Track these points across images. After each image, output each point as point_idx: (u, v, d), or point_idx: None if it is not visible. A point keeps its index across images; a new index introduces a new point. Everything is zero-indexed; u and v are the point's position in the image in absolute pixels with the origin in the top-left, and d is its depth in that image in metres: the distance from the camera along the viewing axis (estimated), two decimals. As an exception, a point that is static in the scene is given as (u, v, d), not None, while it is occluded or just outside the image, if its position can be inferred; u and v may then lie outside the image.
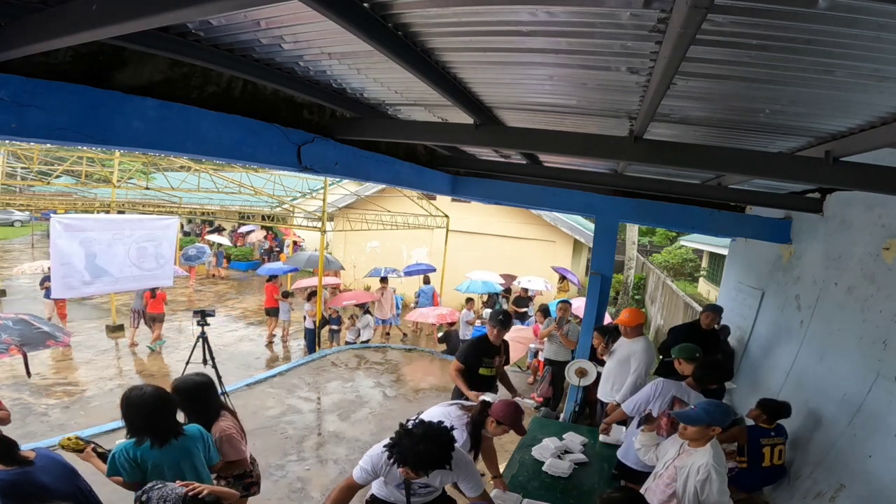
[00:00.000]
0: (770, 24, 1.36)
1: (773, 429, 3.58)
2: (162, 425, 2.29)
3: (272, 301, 9.79)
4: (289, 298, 9.98)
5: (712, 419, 2.36)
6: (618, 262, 13.51)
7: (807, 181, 2.99)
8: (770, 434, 3.56)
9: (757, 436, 3.53)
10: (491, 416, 2.73)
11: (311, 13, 1.51)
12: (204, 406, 2.68)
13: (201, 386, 2.68)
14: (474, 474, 2.40)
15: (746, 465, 3.53)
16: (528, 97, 2.54)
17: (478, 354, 3.98)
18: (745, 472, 3.55)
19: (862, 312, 3.48)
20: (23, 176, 16.50)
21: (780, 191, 4.53)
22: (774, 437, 3.58)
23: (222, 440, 2.61)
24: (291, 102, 3.00)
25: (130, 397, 2.27)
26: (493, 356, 4.06)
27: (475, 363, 3.97)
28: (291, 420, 5.74)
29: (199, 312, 5.70)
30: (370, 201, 13.39)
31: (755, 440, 3.52)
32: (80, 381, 7.03)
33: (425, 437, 2.09)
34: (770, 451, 3.54)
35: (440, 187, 5.25)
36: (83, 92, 1.96)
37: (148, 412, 2.25)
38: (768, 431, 3.56)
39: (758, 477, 3.58)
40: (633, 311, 4.44)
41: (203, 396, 2.68)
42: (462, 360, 3.98)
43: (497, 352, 4.09)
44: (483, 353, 4.01)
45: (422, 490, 2.44)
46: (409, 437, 2.10)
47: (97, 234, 7.22)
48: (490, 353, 4.04)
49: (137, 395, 2.27)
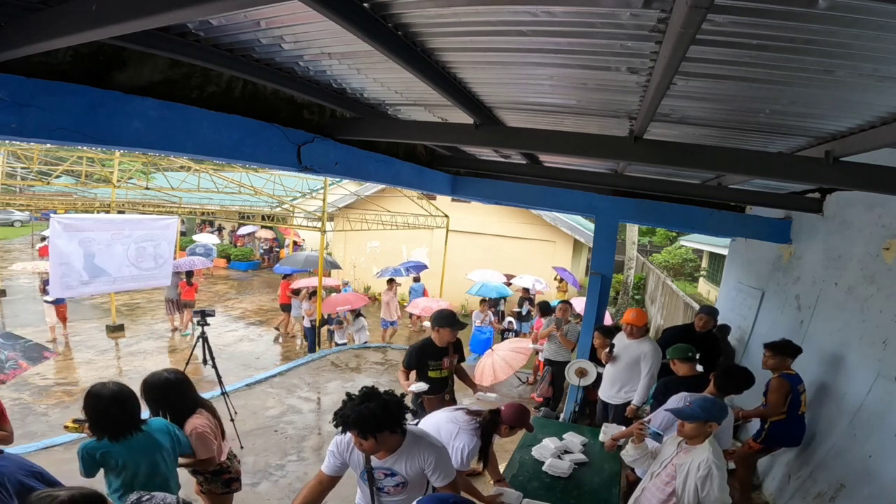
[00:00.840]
0: (770, 24, 1.36)
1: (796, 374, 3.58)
2: (122, 420, 2.32)
3: (286, 297, 10.20)
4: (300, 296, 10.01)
5: (709, 415, 2.37)
6: (618, 262, 13.52)
7: (807, 181, 3.00)
8: (801, 380, 3.57)
9: (796, 384, 3.53)
10: (503, 423, 2.76)
11: (311, 13, 1.51)
12: (174, 403, 2.69)
13: (171, 383, 2.68)
14: (447, 463, 2.29)
15: (785, 416, 3.51)
16: (528, 97, 2.54)
17: (420, 358, 3.90)
18: (783, 424, 3.53)
19: (862, 312, 3.49)
20: (23, 176, 16.50)
21: (780, 191, 4.53)
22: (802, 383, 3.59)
23: (193, 437, 2.62)
24: (291, 102, 3.00)
25: (91, 394, 2.30)
26: (441, 358, 3.94)
27: (419, 367, 3.91)
28: (291, 420, 5.74)
29: (199, 312, 5.70)
30: (370, 201, 13.40)
31: (794, 388, 3.51)
32: (80, 381, 7.03)
33: (366, 397, 2.08)
34: (804, 397, 3.56)
35: (440, 187, 5.25)
36: (83, 92, 1.96)
37: (106, 407, 2.28)
38: (799, 377, 3.56)
39: (797, 426, 3.57)
40: (640, 312, 4.44)
41: (172, 393, 2.68)
42: (406, 364, 3.94)
43: (445, 353, 3.97)
44: (426, 356, 3.91)
45: (388, 481, 2.24)
46: (351, 399, 2.10)
47: (96, 234, 7.22)
48: (435, 355, 3.93)
49: (97, 391, 2.31)
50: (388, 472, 2.23)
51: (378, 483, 2.26)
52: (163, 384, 2.66)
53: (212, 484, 2.87)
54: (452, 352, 4.04)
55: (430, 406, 3.95)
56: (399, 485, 2.25)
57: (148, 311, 11.32)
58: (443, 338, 3.88)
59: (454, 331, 3.89)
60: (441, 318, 3.90)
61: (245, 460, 4.79)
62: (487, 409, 2.88)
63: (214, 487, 2.88)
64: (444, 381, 4.02)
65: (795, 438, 3.63)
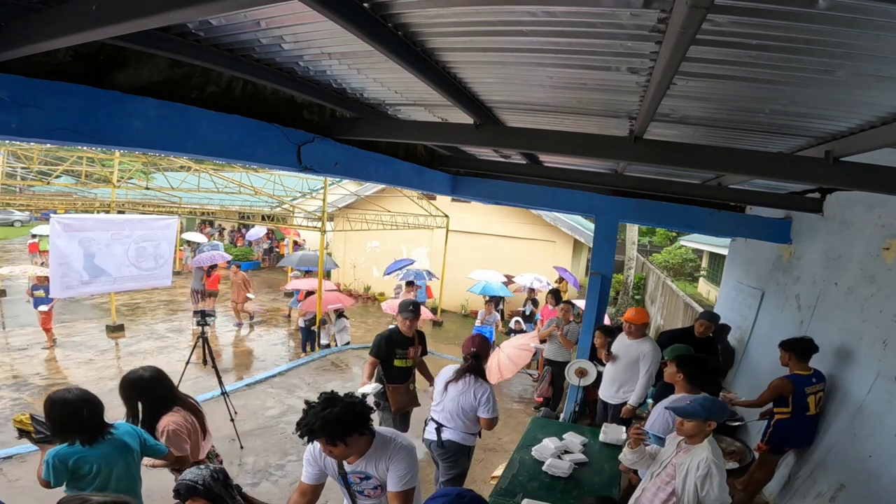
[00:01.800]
0: (770, 25, 1.36)
1: (813, 375, 3.52)
2: (88, 425, 2.30)
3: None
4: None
5: (709, 414, 2.36)
6: (618, 262, 13.52)
7: (807, 181, 2.99)
8: (812, 381, 3.51)
9: (802, 385, 3.48)
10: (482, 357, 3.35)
11: (311, 13, 1.51)
12: (149, 399, 2.70)
13: (145, 380, 2.69)
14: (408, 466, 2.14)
15: (790, 415, 3.50)
16: (528, 97, 2.54)
17: (389, 346, 4.02)
18: (788, 422, 3.51)
19: (862, 312, 3.48)
20: (23, 176, 16.49)
21: (780, 191, 4.53)
22: (816, 384, 3.52)
23: (166, 434, 2.61)
24: (291, 102, 3.00)
25: (54, 399, 2.27)
26: (407, 347, 4.10)
27: (388, 355, 4.03)
28: (291, 420, 5.73)
29: (199, 312, 5.70)
30: (370, 201, 13.38)
31: (800, 390, 3.48)
32: (80, 381, 7.03)
33: (328, 401, 2.00)
34: (814, 399, 3.51)
35: (440, 187, 5.25)
36: (83, 92, 1.96)
37: (77, 410, 2.25)
38: (810, 379, 3.51)
39: (803, 427, 3.54)
40: (640, 310, 4.44)
41: (146, 390, 2.69)
42: (374, 353, 4.03)
43: (411, 342, 4.13)
44: (395, 344, 4.05)
45: (365, 484, 2.21)
46: (312, 407, 2.01)
47: (96, 234, 7.23)
48: (403, 344, 4.08)
49: (61, 397, 2.27)
50: (363, 475, 2.19)
51: (356, 487, 2.23)
52: (136, 381, 2.67)
53: None
54: (417, 342, 4.19)
55: (395, 396, 4.07)
56: (377, 487, 2.21)
57: (148, 311, 11.32)
58: (411, 327, 4.05)
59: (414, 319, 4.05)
60: (410, 308, 4.05)
61: (245, 460, 4.80)
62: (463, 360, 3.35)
63: None
64: (409, 371, 4.17)
65: (801, 439, 3.61)
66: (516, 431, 5.46)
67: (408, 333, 4.08)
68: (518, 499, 2.89)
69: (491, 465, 4.83)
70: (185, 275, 16.10)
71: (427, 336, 4.65)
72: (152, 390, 2.72)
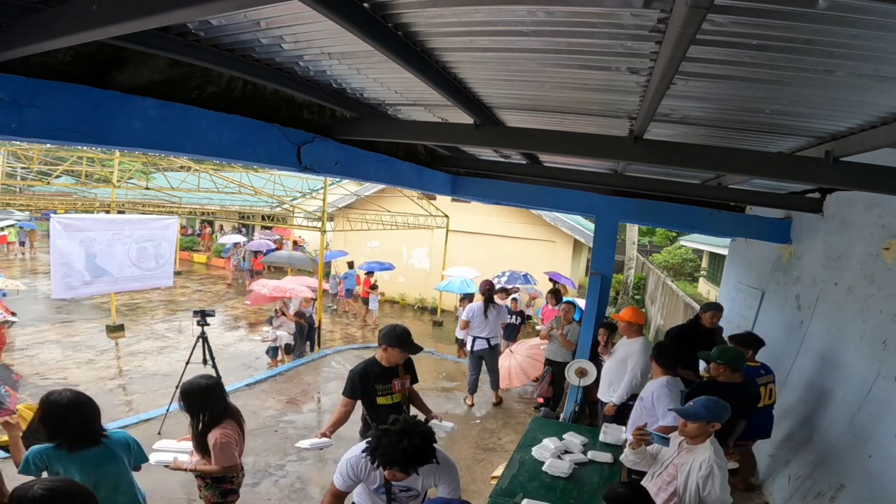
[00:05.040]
0: (770, 25, 1.36)
1: (760, 367, 3.60)
2: (78, 430, 2.23)
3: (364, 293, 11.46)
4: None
5: (712, 415, 2.37)
6: (618, 262, 13.51)
7: (807, 181, 3.00)
8: (760, 372, 3.58)
9: (752, 376, 3.53)
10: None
11: (311, 13, 1.51)
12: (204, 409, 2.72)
13: (204, 388, 2.73)
14: (456, 479, 2.26)
15: None
16: (528, 97, 2.54)
17: (366, 382, 3.14)
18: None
19: (862, 312, 3.49)
20: (23, 176, 16.50)
21: (780, 191, 4.53)
22: (765, 375, 3.60)
23: (219, 446, 2.65)
24: (291, 102, 3.00)
25: (46, 402, 2.23)
26: (390, 380, 3.19)
27: (367, 393, 3.15)
28: (291, 420, 5.74)
29: (198, 312, 5.69)
30: (370, 201, 13.38)
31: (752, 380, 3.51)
32: (80, 381, 7.02)
33: (405, 433, 1.95)
34: (765, 390, 3.56)
35: (440, 187, 5.25)
36: (83, 92, 1.96)
37: (63, 416, 2.20)
38: (758, 370, 3.57)
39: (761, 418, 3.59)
40: (633, 310, 4.44)
41: (203, 400, 2.72)
42: (348, 393, 3.13)
43: (394, 374, 3.21)
44: (374, 379, 3.16)
45: (403, 494, 2.30)
46: (388, 436, 1.96)
47: (97, 234, 7.23)
48: (382, 378, 3.18)
49: (54, 399, 2.23)
50: (406, 488, 2.27)
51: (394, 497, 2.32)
52: (198, 390, 2.71)
53: (209, 490, 2.85)
54: (404, 372, 3.27)
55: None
56: (413, 497, 2.34)
57: (148, 310, 11.32)
58: (390, 358, 3.15)
59: (404, 353, 3.16)
60: (392, 335, 3.10)
61: (245, 460, 4.76)
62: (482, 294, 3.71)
63: (210, 495, 2.85)
64: (397, 408, 3.20)
65: (757, 431, 3.67)
66: (516, 431, 5.46)
67: (389, 365, 3.18)
68: (518, 499, 2.89)
69: (491, 465, 4.83)
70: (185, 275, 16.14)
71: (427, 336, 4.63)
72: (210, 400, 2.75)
